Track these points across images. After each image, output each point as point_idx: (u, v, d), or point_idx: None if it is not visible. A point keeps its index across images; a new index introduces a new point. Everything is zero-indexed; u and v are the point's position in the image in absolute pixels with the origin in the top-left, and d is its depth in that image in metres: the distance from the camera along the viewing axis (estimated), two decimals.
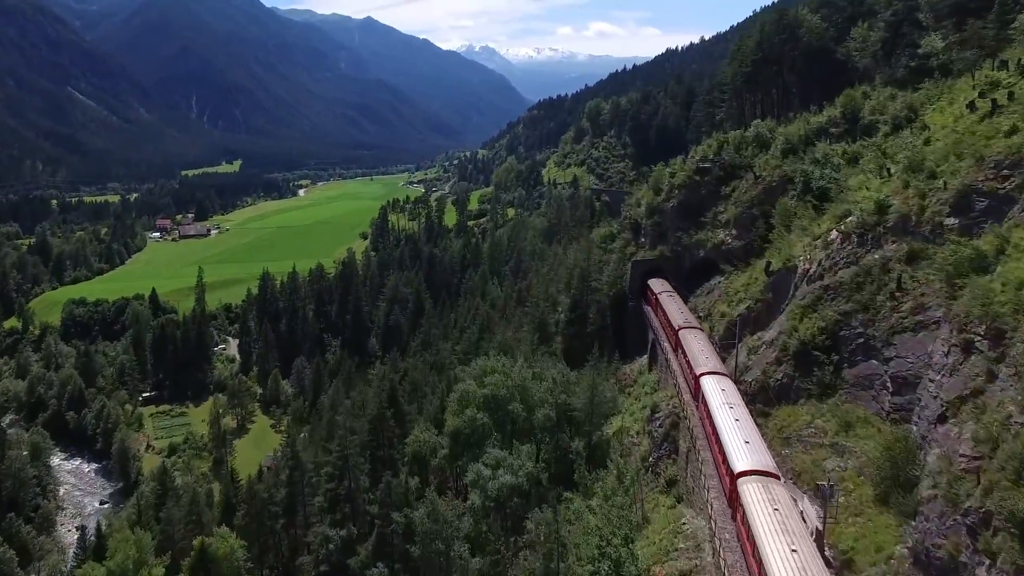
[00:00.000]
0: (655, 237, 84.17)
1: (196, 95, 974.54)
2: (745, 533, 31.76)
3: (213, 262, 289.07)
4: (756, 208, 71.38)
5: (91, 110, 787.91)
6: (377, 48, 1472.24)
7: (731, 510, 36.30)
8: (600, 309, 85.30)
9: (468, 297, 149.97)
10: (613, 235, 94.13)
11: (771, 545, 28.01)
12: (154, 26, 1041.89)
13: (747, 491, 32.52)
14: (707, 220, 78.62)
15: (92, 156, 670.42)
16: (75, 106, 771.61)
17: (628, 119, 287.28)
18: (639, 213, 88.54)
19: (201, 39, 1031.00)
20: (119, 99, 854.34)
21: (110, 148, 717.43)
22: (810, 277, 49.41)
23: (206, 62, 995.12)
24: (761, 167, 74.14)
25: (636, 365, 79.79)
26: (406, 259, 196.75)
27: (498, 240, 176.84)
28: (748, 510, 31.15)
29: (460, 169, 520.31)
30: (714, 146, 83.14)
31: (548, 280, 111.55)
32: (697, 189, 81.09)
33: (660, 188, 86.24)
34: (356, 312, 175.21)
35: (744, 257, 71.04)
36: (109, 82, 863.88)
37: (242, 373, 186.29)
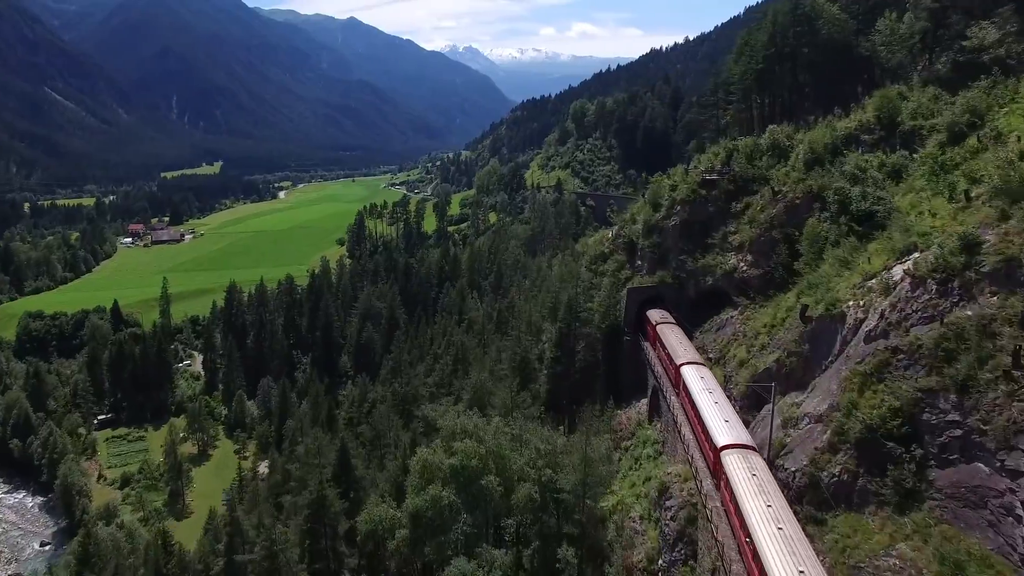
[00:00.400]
0: (654, 260, 72.16)
1: (176, 96, 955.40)
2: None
3: (183, 270, 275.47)
4: (776, 230, 59.51)
5: (68, 111, 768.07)
6: (360, 49, 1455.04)
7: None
8: (590, 343, 73.26)
9: (445, 315, 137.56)
10: (604, 255, 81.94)
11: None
12: (134, 26, 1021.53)
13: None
14: (715, 242, 66.72)
15: (68, 158, 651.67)
16: (52, 107, 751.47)
17: (614, 120, 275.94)
18: (635, 231, 76.52)
19: (182, 39, 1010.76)
20: (97, 100, 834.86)
21: (87, 150, 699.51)
22: (869, 333, 37.48)
23: (187, 62, 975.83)
24: (780, 181, 62.31)
25: (634, 411, 67.79)
26: (381, 270, 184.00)
27: (478, 251, 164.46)
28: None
29: (443, 171, 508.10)
30: (721, 154, 71.23)
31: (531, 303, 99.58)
32: (703, 205, 69.16)
33: (659, 203, 74.24)
34: (326, 328, 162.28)
35: (762, 288, 59.24)
36: (87, 82, 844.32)
37: (207, 392, 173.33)
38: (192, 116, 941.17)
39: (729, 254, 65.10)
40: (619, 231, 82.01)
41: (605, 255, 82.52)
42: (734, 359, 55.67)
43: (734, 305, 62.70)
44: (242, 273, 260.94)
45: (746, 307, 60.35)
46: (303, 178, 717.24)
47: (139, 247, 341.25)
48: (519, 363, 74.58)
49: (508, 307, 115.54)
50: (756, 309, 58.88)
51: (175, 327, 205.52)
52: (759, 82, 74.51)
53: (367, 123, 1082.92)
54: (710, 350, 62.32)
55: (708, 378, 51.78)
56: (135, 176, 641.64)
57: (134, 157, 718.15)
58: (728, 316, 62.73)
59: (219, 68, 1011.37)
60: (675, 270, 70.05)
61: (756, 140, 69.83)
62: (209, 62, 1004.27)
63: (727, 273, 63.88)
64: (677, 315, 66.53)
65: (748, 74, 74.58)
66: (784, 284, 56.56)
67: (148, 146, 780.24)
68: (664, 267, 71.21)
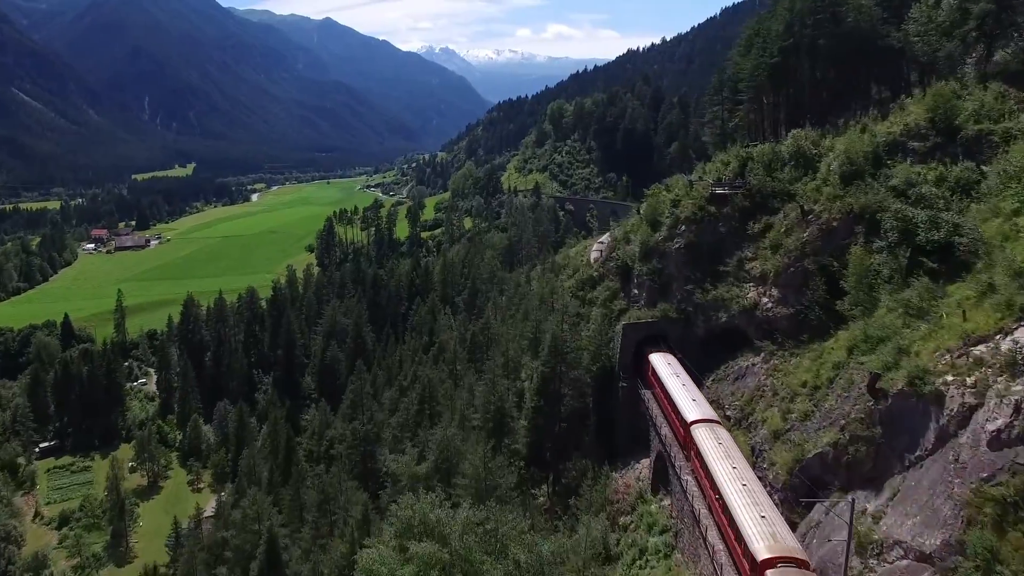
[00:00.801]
0: (654, 290, 60.21)
1: (149, 96, 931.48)
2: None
3: (144, 279, 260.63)
4: (810, 260, 47.84)
5: (36, 112, 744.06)
6: (336, 49, 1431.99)
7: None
8: (578, 387, 61.14)
9: (414, 336, 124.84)
10: (592, 279, 69.81)
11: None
12: (105, 25, 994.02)
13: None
14: (729, 270, 55.02)
15: (36, 160, 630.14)
16: (19, 108, 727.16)
17: (593, 122, 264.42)
18: (629, 253, 64.51)
19: (154, 39, 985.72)
20: (67, 101, 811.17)
21: (56, 151, 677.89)
22: (998, 435, 25.69)
23: (159, 63, 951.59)
24: (809, 197, 50.74)
25: (633, 475, 55.86)
26: (348, 282, 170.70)
27: (451, 263, 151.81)
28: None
29: (418, 173, 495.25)
30: (733, 164, 59.52)
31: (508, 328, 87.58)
32: (713, 225, 57.42)
33: (658, 221, 62.35)
34: (288, 347, 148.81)
35: (793, 331, 47.59)
36: (56, 83, 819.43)
37: (162, 415, 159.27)
38: (164, 117, 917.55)
39: (747, 286, 53.38)
40: (610, 252, 69.90)
41: (594, 279, 70.39)
42: (763, 424, 43.86)
43: (755, 349, 50.93)
44: (206, 283, 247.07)
45: (772, 353, 48.57)
46: (277, 180, 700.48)
47: (102, 254, 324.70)
48: (494, 413, 62.28)
49: (483, 329, 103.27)
50: (786, 358, 47.16)
51: (130, 342, 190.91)
52: (773, 78, 62.95)
53: (343, 124, 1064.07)
54: (727, 404, 50.59)
55: (729, 445, 40.34)
56: (105, 179, 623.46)
57: (104, 159, 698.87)
58: (749, 363, 50.90)
59: (192, 68, 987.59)
60: (680, 302, 58.16)
61: (774, 147, 58.15)
62: (182, 62, 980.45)
63: (746, 310, 52.13)
64: (683, 358, 54.72)
65: (760, 69, 63.03)
66: (822, 329, 45.20)
67: (119, 148, 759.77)
68: (666, 298, 59.28)
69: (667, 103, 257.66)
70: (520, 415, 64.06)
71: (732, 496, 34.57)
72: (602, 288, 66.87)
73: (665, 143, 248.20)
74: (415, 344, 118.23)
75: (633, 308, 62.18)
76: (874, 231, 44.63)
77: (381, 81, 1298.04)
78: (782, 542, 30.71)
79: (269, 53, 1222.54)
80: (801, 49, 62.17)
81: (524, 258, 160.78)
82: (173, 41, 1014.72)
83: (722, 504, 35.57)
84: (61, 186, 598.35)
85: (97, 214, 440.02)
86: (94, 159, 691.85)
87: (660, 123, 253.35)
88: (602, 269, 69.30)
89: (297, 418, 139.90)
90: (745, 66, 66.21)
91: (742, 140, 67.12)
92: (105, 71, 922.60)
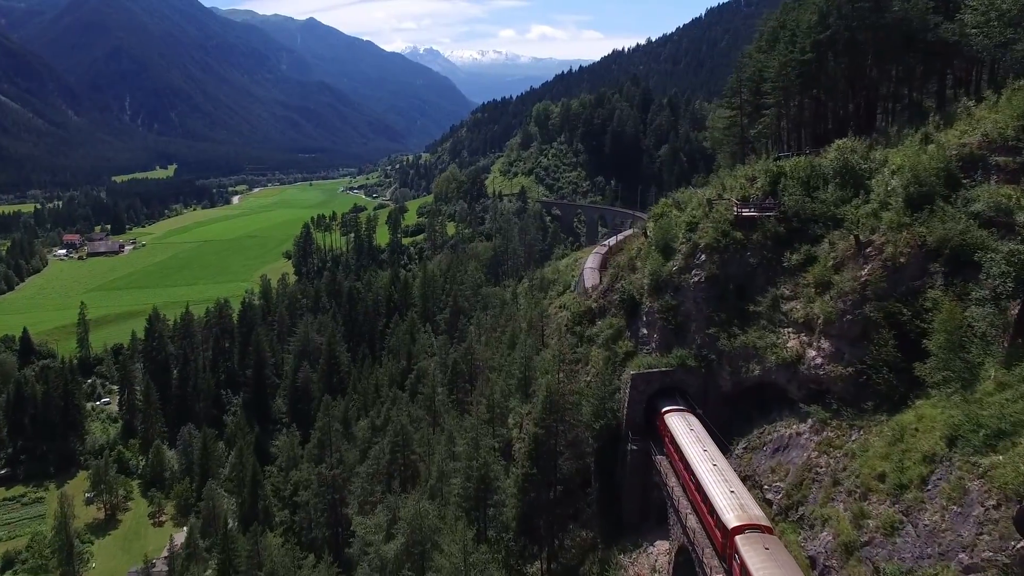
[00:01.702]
0: (668, 331, 49.86)
1: (130, 97, 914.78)
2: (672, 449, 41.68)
3: (115, 287, 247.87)
4: (872, 306, 37.55)
5: (13, 112, 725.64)
6: (320, 50, 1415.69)
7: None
8: (577, 447, 50.72)
9: (391, 359, 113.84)
10: (591, 312, 59.29)
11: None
12: (85, 25, 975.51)
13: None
14: (761, 310, 44.76)
15: (12, 162, 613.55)
16: None
17: (580, 123, 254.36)
18: (636, 285, 54.15)
19: (135, 39, 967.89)
20: (46, 101, 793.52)
21: (34, 153, 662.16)
22: None
23: (140, 63, 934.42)
24: (865, 225, 40.49)
25: (646, 561, 45.49)
26: (323, 295, 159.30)
27: (432, 276, 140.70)
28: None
29: (401, 174, 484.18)
30: (762, 180, 49.26)
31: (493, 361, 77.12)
32: (739, 255, 47.16)
33: (671, 247, 52.01)
34: (258, 366, 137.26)
35: (853, 397, 37.37)
36: (35, 83, 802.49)
37: (124, 439, 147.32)
38: (146, 118, 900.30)
39: (785, 331, 43.10)
40: (612, 281, 59.42)
41: (593, 312, 59.90)
42: (823, 525, 33.56)
43: (799, 414, 40.64)
44: (178, 292, 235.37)
45: (824, 422, 38.32)
46: (259, 182, 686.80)
47: (73, 260, 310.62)
48: (476, 482, 51.28)
49: (465, 355, 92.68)
50: (844, 430, 36.94)
51: (94, 358, 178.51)
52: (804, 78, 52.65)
53: (326, 125, 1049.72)
54: (765, 483, 40.32)
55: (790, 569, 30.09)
56: (84, 181, 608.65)
57: (83, 161, 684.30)
58: (792, 431, 40.57)
59: (174, 69, 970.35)
60: (700, 348, 47.75)
61: (811, 160, 47.95)
62: (164, 62, 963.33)
63: (786, 363, 41.77)
64: (706, 419, 44.53)
65: (789, 67, 52.78)
66: (894, 396, 34.99)
67: (99, 149, 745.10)
68: (683, 342, 48.90)
69: (656, 104, 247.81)
70: (507, 476, 53.50)
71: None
72: (604, 324, 56.26)
73: (655, 146, 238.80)
74: (392, 367, 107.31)
75: (642, 352, 51.77)
76: (956, 271, 34.69)
77: (365, 82, 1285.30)
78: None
79: (252, 53, 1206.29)
80: (838, 43, 51.89)
81: (510, 269, 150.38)
82: (155, 41, 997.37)
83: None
84: (38, 188, 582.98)
85: (72, 218, 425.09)
86: (73, 161, 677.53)
87: (649, 125, 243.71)
88: (603, 301, 58.76)
89: (267, 444, 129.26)
90: (770, 64, 55.96)
91: (767, 150, 56.82)
92: (85, 71, 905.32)
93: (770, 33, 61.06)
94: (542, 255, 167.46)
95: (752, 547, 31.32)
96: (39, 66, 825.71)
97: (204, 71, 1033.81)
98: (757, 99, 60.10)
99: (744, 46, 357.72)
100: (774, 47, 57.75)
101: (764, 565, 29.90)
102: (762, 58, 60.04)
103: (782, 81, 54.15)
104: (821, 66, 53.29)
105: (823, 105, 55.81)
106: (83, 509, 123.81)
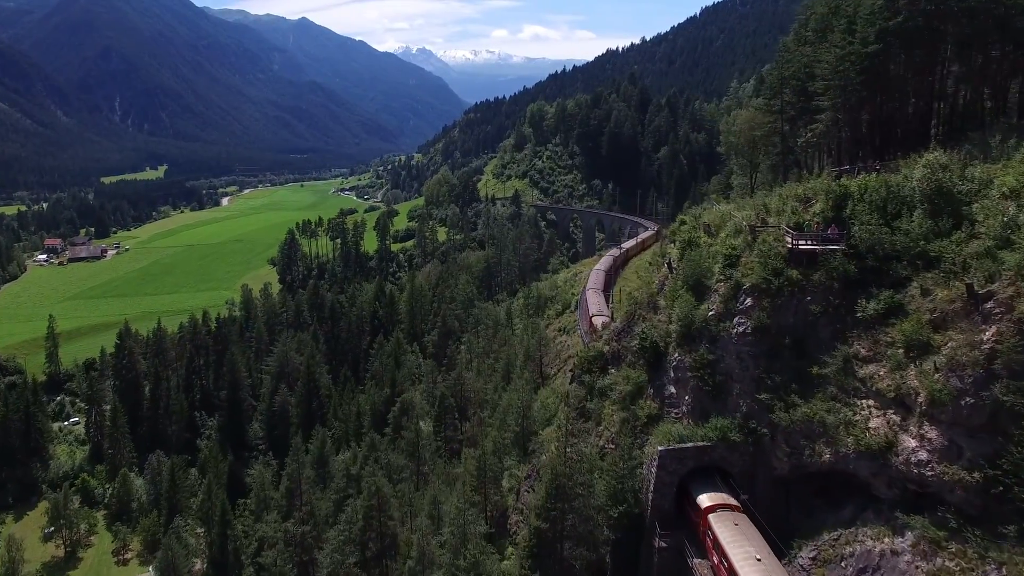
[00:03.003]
0: (703, 393, 39.39)
1: (120, 97, 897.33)
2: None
3: (92, 296, 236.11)
4: (1005, 385, 27.27)
5: (1, 112, 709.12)
6: (312, 50, 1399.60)
7: None
8: (587, 538, 40.18)
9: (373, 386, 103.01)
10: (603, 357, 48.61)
11: None
12: (75, 24, 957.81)
13: None
14: (828, 374, 34.52)
15: None
16: None
17: (576, 124, 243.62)
18: (661, 330, 43.61)
19: (126, 39, 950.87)
20: (34, 101, 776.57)
21: (22, 154, 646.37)
22: None
23: (131, 63, 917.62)
24: (979, 269, 30.22)
25: None
26: (304, 309, 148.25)
27: (419, 291, 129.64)
28: None
29: (393, 176, 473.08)
30: (821, 204, 38.89)
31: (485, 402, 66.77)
32: (796, 298, 36.87)
33: (704, 284, 41.54)
34: (233, 388, 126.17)
35: (982, 513, 27.25)
36: (23, 83, 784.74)
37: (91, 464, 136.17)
38: (136, 118, 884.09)
39: (864, 404, 32.85)
40: (629, 319, 48.79)
41: (604, 357, 49.31)
42: None
43: (891, 521, 30.25)
44: (158, 300, 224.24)
45: (936, 544, 27.93)
46: (250, 183, 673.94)
47: (54, 266, 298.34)
48: None
49: (455, 386, 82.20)
50: (973, 560, 26.61)
51: (64, 374, 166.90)
52: (868, 75, 42.06)
53: (319, 125, 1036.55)
54: None
55: None
56: (72, 182, 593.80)
57: (72, 162, 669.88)
58: (883, 547, 30.08)
59: (165, 69, 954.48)
60: (746, 417, 37.31)
61: (886, 180, 37.59)
62: (155, 62, 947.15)
63: (870, 452, 31.44)
64: (759, 517, 34.21)
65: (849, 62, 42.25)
66: None
67: (88, 150, 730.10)
68: (724, 408, 38.48)
69: (655, 105, 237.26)
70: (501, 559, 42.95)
71: None
72: (620, 377, 45.56)
73: (653, 148, 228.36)
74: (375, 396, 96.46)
75: (669, 416, 41.30)
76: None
77: (358, 82, 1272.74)
78: None
79: (244, 53, 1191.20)
80: (910, 32, 41.45)
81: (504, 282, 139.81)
82: (145, 41, 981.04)
83: None
84: (25, 190, 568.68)
85: (56, 221, 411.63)
86: (62, 162, 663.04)
87: (647, 126, 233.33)
88: (617, 345, 48.15)
89: (241, 473, 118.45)
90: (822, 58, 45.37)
91: (818, 163, 46.24)
92: (74, 71, 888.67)
93: (818, 20, 50.58)
94: (538, 264, 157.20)
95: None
96: (27, 66, 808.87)
97: (195, 71, 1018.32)
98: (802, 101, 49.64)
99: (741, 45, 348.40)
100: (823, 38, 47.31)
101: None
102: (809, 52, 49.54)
103: (839, 79, 43.64)
104: (886, 61, 42.78)
105: (886, 108, 45.32)
106: (39, 547, 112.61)
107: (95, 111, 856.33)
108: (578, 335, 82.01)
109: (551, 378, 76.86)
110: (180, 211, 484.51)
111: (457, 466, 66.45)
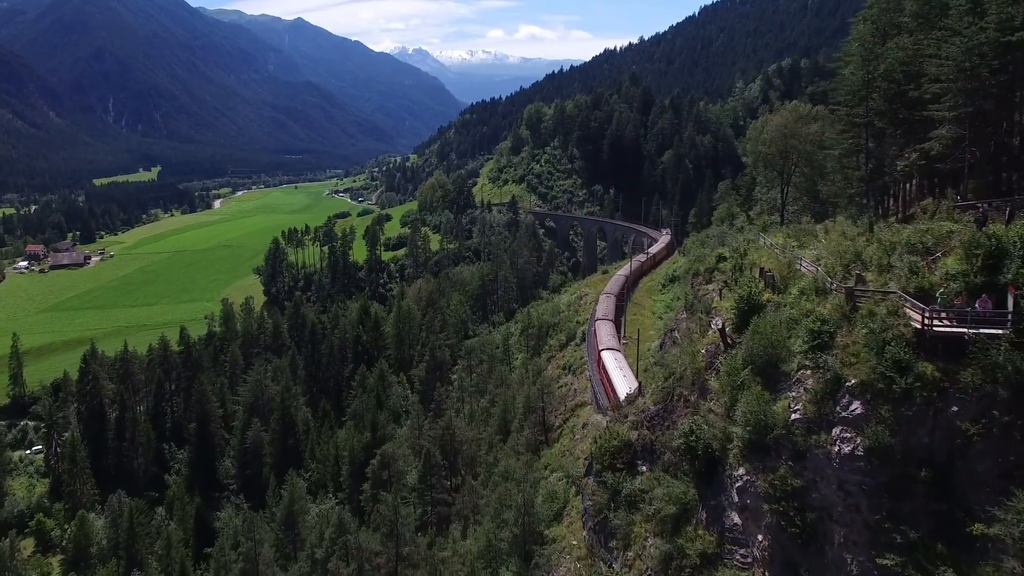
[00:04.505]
0: (787, 538, 27.02)
1: (113, 98, 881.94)
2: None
3: (69, 307, 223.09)
4: None
5: None
6: (307, 50, 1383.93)
7: None
8: None
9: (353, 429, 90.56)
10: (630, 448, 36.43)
11: None
12: (68, 25, 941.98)
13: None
14: (1003, 534, 22.18)
15: None
16: None
17: (576, 126, 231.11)
18: (716, 428, 31.21)
19: (119, 39, 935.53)
20: (26, 102, 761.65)
21: (13, 155, 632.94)
22: None
23: (124, 63, 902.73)
24: None
25: None
26: (283, 330, 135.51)
27: (407, 312, 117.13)
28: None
29: (388, 178, 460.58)
30: (960, 260, 26.59)
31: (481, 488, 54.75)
32: (935, 409, 24.57)
33: (777, 366, 29.10)
34: (202, 421, 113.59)
35: None
36: (15, 84, 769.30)
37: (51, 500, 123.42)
38: (130, 119, 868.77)
39: None
40: (664, 399, 36.41)
41: (633, 449, 36.98)
42: None
43: None
44: (137, 312, 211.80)
45: None
46: (244, 184, 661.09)
47: (34, 273, 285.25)
48: None
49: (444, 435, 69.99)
50: None
51: (29, 397, 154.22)
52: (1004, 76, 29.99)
53: (314, 126, 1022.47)
54: None
55: None
56: (64, 184, 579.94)
57: (64, 163, 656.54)
58: None
59: (159, 69, 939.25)
60: None
61: None
62: (148, 63, 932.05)
63: None
64: None
65: (980, 51, 29.93)
66: None
67: (81, 151, 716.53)
68: (819, 561, 26.20)
69: (658, 106, 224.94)
70: None
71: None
72: (655, 486, 33.07)
73: (656, 151, 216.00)
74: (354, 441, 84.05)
75: (733, 558, 28.93)
76: None
77: (353, 82, 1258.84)
78: None
79: (239, 54, 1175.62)
80: None
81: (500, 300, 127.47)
82: (139, 41, 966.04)
83: None
84: (15, 192, 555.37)
85: (43, 225, 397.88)
86: (53, 163, 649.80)
87: (650, 129, 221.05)
88: (649, 433, 35.77)
89: (210, 516, 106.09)
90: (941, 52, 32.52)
91: (951, 199, 33.52)
92: (67, 72, 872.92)
93: (920, 2, 37.84)
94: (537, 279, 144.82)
95: None
96: (19, 66, 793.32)
97: (190, 72, 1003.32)
98: (897, 109, 37.21)
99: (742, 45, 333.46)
100: (925, 25, 34.95)
101: None
102: (908, 42, 36.84)
103: (965, 79, 31.19)
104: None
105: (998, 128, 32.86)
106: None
107: (88, 112, 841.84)
108: (586, 377, 70.05)
109: (556, 431, 64.83)
110: (171, 214, 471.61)
111: (444, 547, 54.37)
